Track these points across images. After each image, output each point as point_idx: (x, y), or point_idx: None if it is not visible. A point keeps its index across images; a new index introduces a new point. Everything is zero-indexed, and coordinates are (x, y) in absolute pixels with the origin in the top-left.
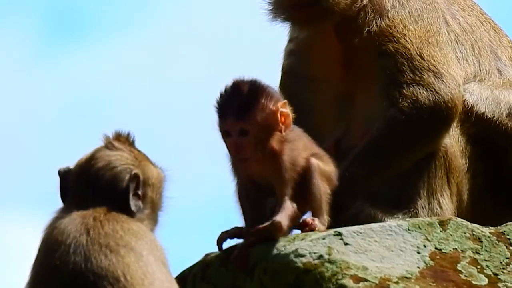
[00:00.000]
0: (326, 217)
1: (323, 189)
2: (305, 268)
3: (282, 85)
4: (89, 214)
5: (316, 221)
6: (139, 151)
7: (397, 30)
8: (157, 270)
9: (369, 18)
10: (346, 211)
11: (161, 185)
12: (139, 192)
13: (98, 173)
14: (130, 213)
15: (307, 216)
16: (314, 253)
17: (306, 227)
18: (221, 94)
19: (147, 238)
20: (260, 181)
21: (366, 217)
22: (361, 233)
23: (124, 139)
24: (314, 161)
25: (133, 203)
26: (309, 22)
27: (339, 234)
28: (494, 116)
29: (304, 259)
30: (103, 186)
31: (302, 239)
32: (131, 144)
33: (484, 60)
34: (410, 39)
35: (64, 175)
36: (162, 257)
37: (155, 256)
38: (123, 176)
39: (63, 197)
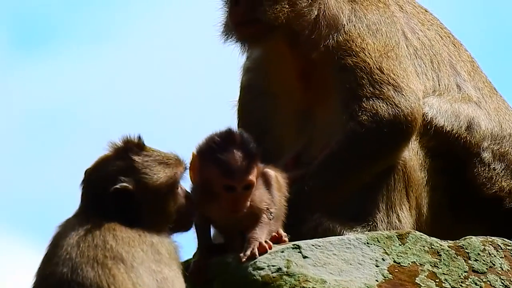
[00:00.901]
0: None
1: (283, 200)
2: (263, 281)
3: (241, 100)
4: (85, 225)
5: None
6: (148, 154)
7: (355, 44)
8: (149, 281)
9: (324, 32)
10: (305, 224)
11: (168, 188)
12: (135, 201)
13: (94, 183)
14: (129, 221)
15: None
16: (273, 266)
17: (281, 240)
18: (218, 146)
19: (143, 245)
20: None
21: (324, 230)
22: (319, 246)
23: (132, 145)
24: (272, 172)
25: (119, 214)
26: (255, 39)
27: (298, 247)
28: (453, 130)
29: (262, 272)
30: (98, 196)
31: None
32: (141, 148)
33: (443, 75)
34: (369, 53)
35: None
36: (165, 259)
37: (154, 262)
38: (110, 188)
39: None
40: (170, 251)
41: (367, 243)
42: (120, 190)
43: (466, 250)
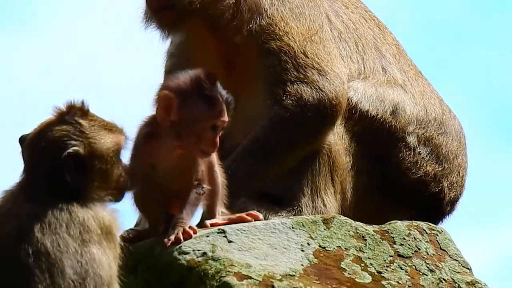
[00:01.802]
0: None
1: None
2: (189, 266)
3: None
4: (23, 204)
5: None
6: (93, 119)
7: (278, 28)
8: (71, 270)
9: (246, 17)
10: (230, 209)
11: (116, 153)
12: (84, 167)
13: (38, 150)
14: (73, 191)
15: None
16: (198, 250)
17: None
18: (206, 86)
19: (72, 227)
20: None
21: None
22: (245, 231)
23: (76, 110)
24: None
25: (72, 180)
26: (173, 25)
27: (223, 231)
28: (378, 114)
29: (188, 257)
30: (43, 164)
31: None
32: (85, 113)
33: (369, 58)
34: (293, 37)
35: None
36: (95, 236)
37: (81, 244)
38: (60, 153)
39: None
40: (104, 225)
41: (292, 227)
42: (72, 155)
43: (391, 235)
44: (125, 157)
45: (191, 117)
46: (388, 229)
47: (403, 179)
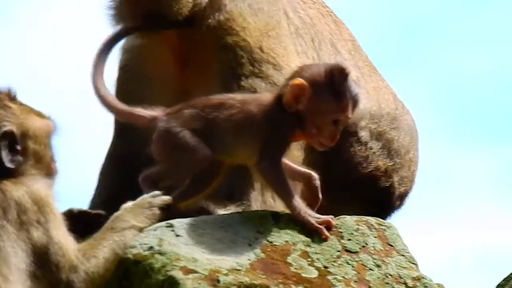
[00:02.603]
0: None
1: None
2: (135, 260)
3: (119, 80)
4: None
5: None
6: (22, 104)
7: (236, 24)
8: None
9: (207, 13)
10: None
11: (47, 135)
12: (18, 147)
13: None
14: (6, 170)
15: None
16: (145, 244)
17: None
18: (345, 81)
19: (8, 212)
20: None
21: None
22: (193, 225)
23: (4, 95)
24: None
25: (8, 159)
26: (152, 34)
27: (171, 225)
28: None
29: (134, 250)
30: None
31: None
32: (12, 98)
33: (324, 54)
34: (250, 32)
35: None
36: (32, 214)
37: (20, 229)
38: None
39: None
40: (39, 198)
41: (241, 222)
42: (7, 133)
43: (340, 230)
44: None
45: (318, 109)
46: (337, 224)
47: (354, 174)
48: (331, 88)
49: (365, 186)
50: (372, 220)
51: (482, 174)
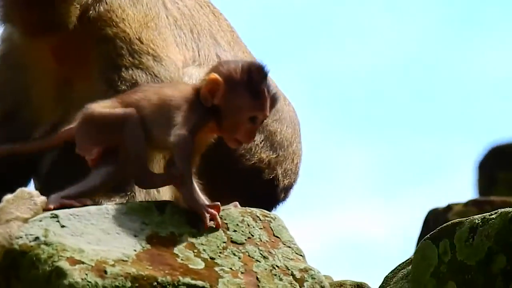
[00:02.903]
0: None
1: None
2: (21, 250)
3: None
4: None
5: None
6: None
7: (116, 15)
8: None
9: (87, 5)
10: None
11: None
12: None
13: None
14: None
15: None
16: (31, 235)
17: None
18: (264, 80)
19: None
20: None
21: None
22: (78, 215)
23: None
24: None
25: None
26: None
27: (56, 216)
28: None
29: (20, 241)
30: None
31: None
32: None
33: (203, 45)
34: (129, 23)
35: None
36: None
37: None
38: None
39: None
40: None
41: (126, 213)
42: None
43: (225, 221)
44: None
45: (233, 105)
46: (222, 215)
47: (237, 166)
48: (247, 85)
49: (249, 178)
50: (257, 211)
51: (361, 168)
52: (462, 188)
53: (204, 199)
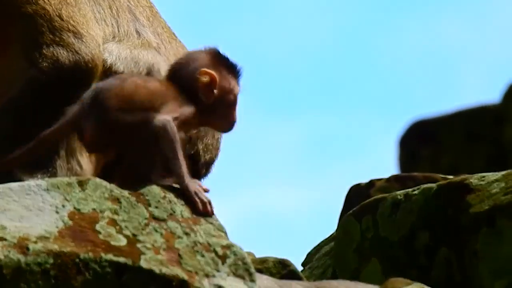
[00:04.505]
0: None
1: None
2: None
3: None
4: None
5: None
6: None
7: None
8: None
9: None
10: None
11: None
12: None
13: None
14: None
15: None
16: None
17: None
18: (233, 62)
19: None
20: None
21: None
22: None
23: None
24: None
25: None
26: None
27: None
28: None
29: None
30: None
31: None
32: None
33: (123, 21)
34: (48, 1)
35: None
36: None
37: None
38: None
39: None
40: None
41: (47, 189)
42: None
43: (147, 197)
44: None
45: (226, 90)
46: (143, 192)
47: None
48: (228, 67)
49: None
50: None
51: (284, 144)
52: (385, 164)
53: (198, 183)
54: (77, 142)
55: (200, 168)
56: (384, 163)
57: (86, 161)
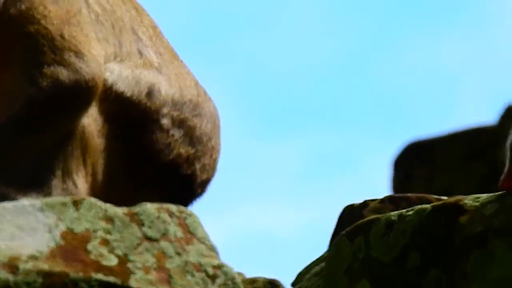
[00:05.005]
0: None
1: None
2: None
3: None
4: None
5: None
6: None
7: (37, 12)
8: None
9: (8, 3)
10: None
11: None
12: None
13: None
14: None
15: None
16: None
17: None
18: None
19: None
20: None
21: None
22: None
23: None
24: None
25: None
26: None
27: None
28: (133, 95)
29: None
30: None
31: None
32: None
33: (125, 41)
34: (51, 20)
35: None
36: None
37: None
38: None
39: None
40: None
41: (42, 209)
42: None
43: (141, 217)
44: None
45: None
46: (138, 212)
47: (155, 161)
48: None
49: (167, 173)
50: (173, 207)
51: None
52: (379, 184)
53: None
54: (73, 162)
55: (195, 188)
56: (379, 183)
57: (82, 181)
